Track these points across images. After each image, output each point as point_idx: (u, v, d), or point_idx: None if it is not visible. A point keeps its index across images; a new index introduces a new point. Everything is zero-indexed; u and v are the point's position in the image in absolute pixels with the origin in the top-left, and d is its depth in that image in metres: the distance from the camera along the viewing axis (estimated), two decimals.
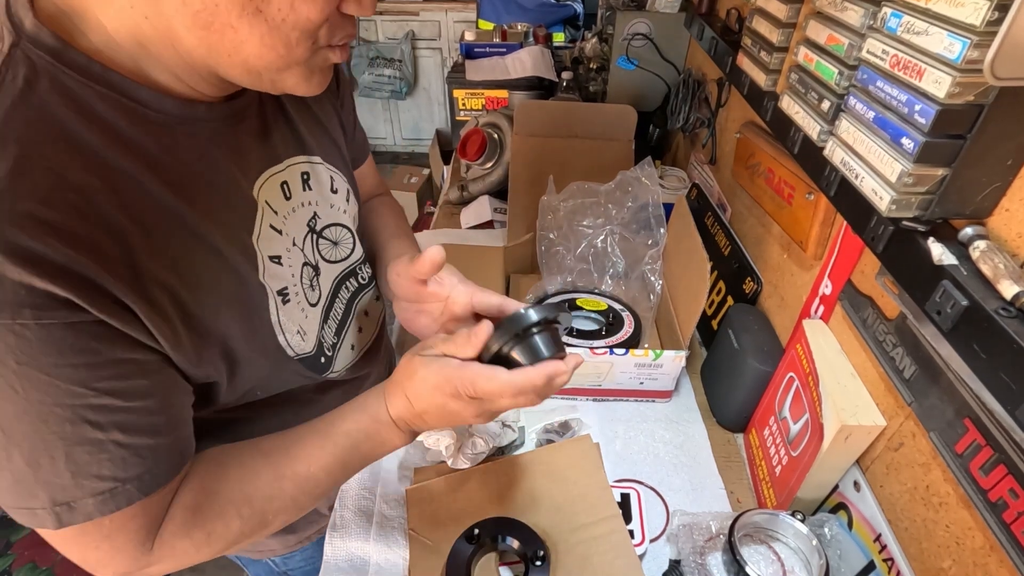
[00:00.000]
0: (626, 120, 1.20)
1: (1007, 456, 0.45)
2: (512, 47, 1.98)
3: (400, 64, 3.44)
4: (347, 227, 0.66)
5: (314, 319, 0.60)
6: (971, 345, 0.42)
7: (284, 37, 0.41)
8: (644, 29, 1.39)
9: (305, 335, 0.59)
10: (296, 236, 0.57)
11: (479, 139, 1.30)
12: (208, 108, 0.48)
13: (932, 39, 0.42)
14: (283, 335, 0.56)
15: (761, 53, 0.75)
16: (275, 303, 0.54)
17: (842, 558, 0.64)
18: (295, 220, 0.57)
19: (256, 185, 0.53)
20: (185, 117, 0.46)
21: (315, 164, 0.61)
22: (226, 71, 0.43)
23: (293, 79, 0.45)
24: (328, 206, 0.62)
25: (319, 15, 0.41)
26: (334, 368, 0.65)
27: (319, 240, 0.61)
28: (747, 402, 0.82)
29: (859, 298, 0.66)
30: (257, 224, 0.53)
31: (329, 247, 0.63)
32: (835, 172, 0.56)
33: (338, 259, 0.65)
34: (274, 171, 0.55)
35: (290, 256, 0.57)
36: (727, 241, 1.02)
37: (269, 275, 0.54)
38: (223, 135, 0.50)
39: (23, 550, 1.75)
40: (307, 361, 0.60)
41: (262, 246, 0.53)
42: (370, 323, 0.73)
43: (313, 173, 0.60)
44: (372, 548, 0.71)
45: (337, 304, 0.65)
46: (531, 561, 0.63)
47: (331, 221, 0.63)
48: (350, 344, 0.68)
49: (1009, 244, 0.46)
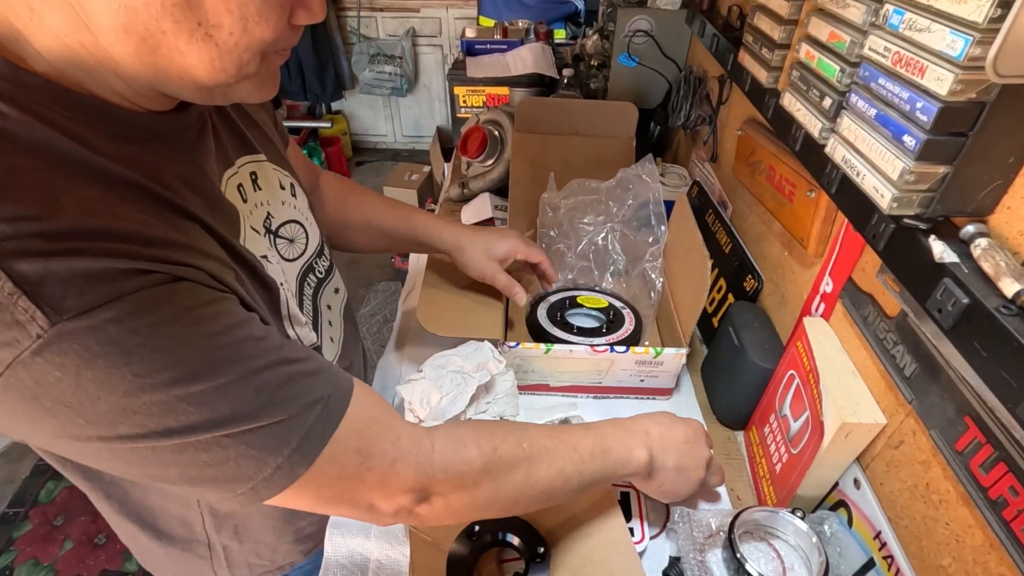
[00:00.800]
0: (627, 117, 1.20)
1: (1007, 454, 0.45)
2: (513, 44, 1.97)
3: (401, 61, 3.44)
4: (299, 222, 0.65)
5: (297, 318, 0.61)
6: (972, 343, 0.42)
7: (236, 59, 0.39)
8: (645, 26, 1.39)
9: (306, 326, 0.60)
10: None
11: (480, 136, 1.30)
12: (173, 119, 0.46)
13: (934, 36, 0.42)
14: (292, 328, 0.57)
15: (762, 50, 0.75)
16: (285, 296, 0.55)
17: (842, 555, 0.64)
18: (254, 222, 0.57)
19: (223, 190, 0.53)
20: (159, 131, 0.45)
21: (261, 163, 0.60)
22: (176, 91, 0.42)
23: (245, 90, 0.43)
24: (280, 203, 0.62)
25: (272, 33, 0.39)
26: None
27: (276, 240, 0.61)
28: (747, 400, 0.82)
29: (860, 296, 0.66)
30: (242, 227, 0.53)
31: (286, 245, 0.62)
32: (836, 169, 0.56)
33: (295, 256, 0.64)
34: (230, 173, 0.55)
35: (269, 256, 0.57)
36: (728, 239, 1.02)
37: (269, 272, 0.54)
38: (192, 144, 0.49)
39: (24, 547, 1.75)
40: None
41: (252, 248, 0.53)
42: (335, 316, 0.73)
43: (260, 172, 0.60)
44: (373, 545, 0.71)
45: (305, 303, 0.65)
46: (532, 558, 0.64)
47: (285, 219, 0.63)
48: (329, 337, 0.69)
49: (1011, 242, 0.46)
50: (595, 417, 0.85)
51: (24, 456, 1.99)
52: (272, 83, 0.45)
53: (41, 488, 1.91)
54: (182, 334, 0.37)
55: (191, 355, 0.37)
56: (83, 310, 0.33)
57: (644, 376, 0.86)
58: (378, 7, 3.36)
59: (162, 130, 0.45)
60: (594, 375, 0.87)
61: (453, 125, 1.82)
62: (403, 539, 0.71)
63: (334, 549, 0.71)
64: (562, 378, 0.88)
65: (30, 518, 1.83)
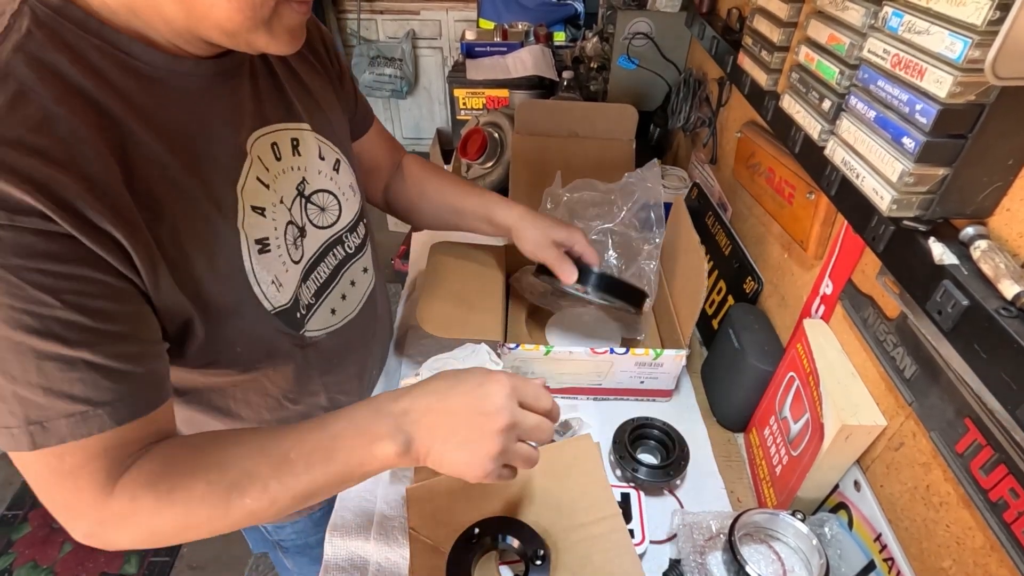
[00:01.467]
0: (627, 119, 1.20)
1: (1007, 456, 0.45)
2: (513, 46, 1.98)
3: (401, 63, 3.44)
4: (334, 194, 0.69)
5: (294, 275, 0.63)
6: (972, 345, 0.42)
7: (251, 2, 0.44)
8: (645, 28, 1.39)
9: (281, 287, 0.61)
10: (284, 195, 0.61)
11: (480, 138, 1.30)
12: (196, 64, 0.51)
13: (933, 38, 0.42)
14: (258, 285, 0.57)
15: (762, 52, 0.75)
16: (248, 250, 0.56)
17: (842, 558, 0.64)
18: (285, 181, 0.61)
19: (249, 140, 0.57)
20: (173, 71, 0.50)
21: (303, 132, 0.64)
22: (207, 33, 0.47)
23: (262, 41, 0.48)
24: (316, 172, 0.66)
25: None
26: (308, 326, 0.67)
27: (307, 204, 0.64)
28: (747, 401, 0.82)
29: (860, 298, 0.66)
30: (244, 174, 0.56)
31: (317, 212, 0.66)
32: (836, 172, 0.56)
33: (325, 225, 0.68)
34: (264, 131, 0.59)
35: (275, 211, 0.60)
36: (728, 240, 1.02)
37: (248, 223, 0.56)
38: (212, 90, 0.54)
39: (24, 549, 1.75)
40: (284, 316, 0.62)
41: (246, 196, 0.56)
42: (355, 293, 0.75)
43: (302, 140, 0.64)
44: (372, 548, 0.71)
45: (321, 268, 0.68)
46: (531, 560, 0.64)
47: (319, 187, 0.66)
48: (330, 308, 0.70)
49: (1010, 244, 0.46)
50: (595, 419, 0.85)
51: None
52: (290, 37, 0.49)
53: None
54: (10, 284, 0.40)
55: (6, 303, 0.40)
56: None
57: (644, 377, 0.86)
58: (378, 9, 3.37)
59: (174, 69, 0.50)
60: (594, 377, 0.86)
61: (453, 127, 1.83)
62: (403, 541, 0.71)
63: (334, 551, 0.71)
64: (562, 380, 0.88)
65: (29, 520, 1.83)
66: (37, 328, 0.41)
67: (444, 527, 0.69)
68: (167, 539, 0.49)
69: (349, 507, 0.75)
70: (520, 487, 0.73)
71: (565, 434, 0.82)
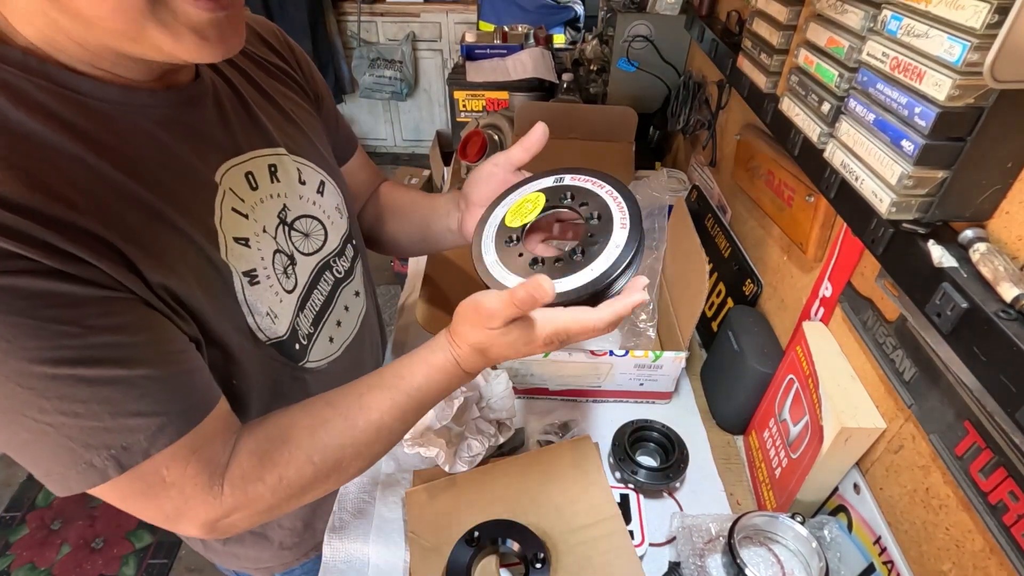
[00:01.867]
0: (626, 122, 1.20)
1: (1007, 459, 0.45)
2: (513, 49, 1.98)
3: (401, 65, 3.45)
4: (317, 218, 0.66)
5: (288, 305, 0.61)
6: (971, 347, 0.42)
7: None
8: (645, 31, 1.39)
9: (276, 318, 0.59)
10: (266, 224, 0.59)
11: (479, 140, 1.30)
12: (151, 95, 0.49)
13: (932, 42, 0.42)
14: (252, 316, 0.56)
15: (761, 55, 0.75)
16: (240, 282, 0.55)
17: (842, 560, 0.64)
18: (264, 210, 0.58)
19: (219, 172, 0.54)
20: (128, 103, 0.47)
21: (281, 157, 0.62)
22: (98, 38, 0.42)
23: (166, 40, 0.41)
24: (297, 198, 0.63)
25: None
26: (310, 357, 0.66)
27: (291, 231, 0.62)
28: (747, 404, 0.82)
29: (859, 300, 0.66)
30: (217, 206, 0.53)
31: (301, 238, 0.64)
32: (835, 174, 0.56)
33: (310, 251, 0.65)
34: (236, 161, 0.56)
35: (259, 240, 0.57)
36: (727, 243, 1.02)
37: (233, 255, 0.54)
38: (173, 121, 0.51)
39: (21, 551, 1.75)
40: (281, 347, 0.61)
41: (225, 227, 0.54)
42: (349, 318, 0.73)
43: (280, 165, 0.61)
44: (372, 550, 0.71)
45: (316, 295, 0.66)
46: (531, 563, 0.63)
47: (301, 213, 0.64)
48: (328, 336, 0.69)
49: (1009, 247, 0.46)
50: (595, 420, 0.85)
51: None
52: (196, 39, 0.42)
53: (39, 492, 1.90)
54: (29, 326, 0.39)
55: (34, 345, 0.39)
56: None
57: (643, 379, 0.86)
58: (378, 11, 3.38)
59: (129, 102, 0.47)
60: (593, 379, 0.86)
61: (453, 129, 1.83)
62: (402, 544, 0.71)
63: (333, 553, 0.71)
64: (561, 381, 0.88)
65: (27, 522, 1.82)
66: (78, 359, 0.41)
67: (443, 530, 0.69)
68: (284, 512, 0.54)
69: (348, 509, 0.75)
70: (519, 489, 0.73)
71: (564, 435, 0.82)
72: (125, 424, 0.43)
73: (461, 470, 0.74)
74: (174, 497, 0.47)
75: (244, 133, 0.58)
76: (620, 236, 0.51)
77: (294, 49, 0.70)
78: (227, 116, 0.56)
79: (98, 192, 0.43)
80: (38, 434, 0.41)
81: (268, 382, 0.61)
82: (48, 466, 0.43)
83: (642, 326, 0.97)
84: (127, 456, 0.43)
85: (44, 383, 0.40)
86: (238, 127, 0.57)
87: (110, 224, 0.43)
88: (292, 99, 0.66)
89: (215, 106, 0.55)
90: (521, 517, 0.68)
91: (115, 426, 0.43)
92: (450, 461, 0.73)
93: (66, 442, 0.42)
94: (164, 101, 0.50)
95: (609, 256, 0.50)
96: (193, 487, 0.47)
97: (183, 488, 0.47)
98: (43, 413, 0.40)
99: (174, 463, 0.46)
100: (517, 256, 0.55)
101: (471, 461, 0.74)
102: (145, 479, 0.45)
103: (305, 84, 0.70)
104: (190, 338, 0.50)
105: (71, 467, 0.42)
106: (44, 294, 0.39)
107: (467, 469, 0.74)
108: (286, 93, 0.66)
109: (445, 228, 0.77)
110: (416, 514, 0.71)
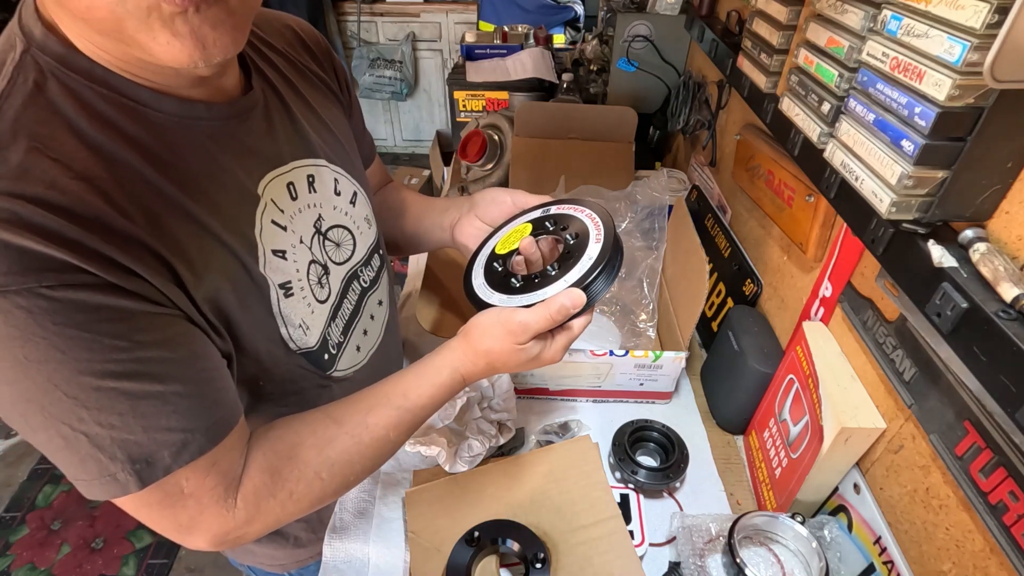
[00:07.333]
0: (626, 122, 1.20)
1: (1007, 459, 0.45)
2: (513, 49, 1.98)
3: (401, 65, 3.45)
4: (348, 228, 0.67)
5: (321, 315, 0.62)
6: (971, 347, 0.42)
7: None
8: (644, 31, 1.39)
9: (308, 330, 0.60)
10: (303, 235, 0.59)
11: (479, 140, 1.30)
12: (207, 108, 0.50)
13: (932, 42, 0.43)
14: (285, 328, 0.57)
15: (761, 55, 0.75)
16: (276, 295, 0.56)
17: (842, 560, 0.64)
18: (302, 220, 0.59)
19: (261, 183, 0.55)
20: (185, 116, 0.48)
21: (320, 167, 0.62)
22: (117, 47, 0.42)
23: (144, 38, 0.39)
24: (332, 208, 0.64)
25: None
26: (338, 367, 0.66)
27: (325, 241, 0.63)
28: (747, 404, 0.82)
29: (859, 300, 0.66)
30: (258, 219, 0.54)
31: (333, 248, 0.65)
32: (835, 174, 0.56)
33: (341, 260, 0.66)
34: (279, 172, 0.57)
35: (295, 252, 0.58)
36: (727, 243, 1.02)
37: (271, 268, 0.55)
38: (224, 134, 0.52)
39: (21, 551, 1.75)
40: (310, 356, 0.61)
41: (264, 240, 0.54)
42: (375, 326, 0.73)
43: (318, 176, 0.62)
44: (372, 550, 0.71)
45: (346, 304, 0.67)
46: (531, 563, 0.63)
47: (334, 223, 0.64)
48: (355, 345, 0.69)
49: (1009, 247, 0.46)
50: (595, 421, 0.85)
51: (22, 459, 1.99)
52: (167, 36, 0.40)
53: (39, 492, 1.90)
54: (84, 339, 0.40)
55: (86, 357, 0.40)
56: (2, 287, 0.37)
57: (643, 379, 0.86)
58: (378, 12, 3.38)
59: (185, 114, 0.48)
60: (593, 379, 0.86)
61: (453, 129, 1.83)
62: (402, 544, 0.71)
63: (333, 553, 0.71)
64: (562, 382, 0.88)
65: (27, 522, 1.82)
66: (124, 372, 0.42)
67: (444, 530, 0.69)
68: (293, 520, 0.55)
69: (348, 509, 0.75)
70: (519, 489, 0.73)
71: (564, 436, 0.82)
72: (154, 438, 0.44)
73: (461, 470, 0.74)
74: (191, 507, 0.48)
75: (288, 143, 0.59)
76: (594, 249, 0.56)
77: (332, 57, 0.71)
78: (274, 127, 0.57)
79: (153, 206, 0.45)
80: (72, 441, 0.42)
81: (295, 388, 0.62)
82: (76, 472, 0.44)
83: (642, 326, 0.97)
84: (148, 471, 0.44)
85: (87, 394, 0.41)
86: (283, 137, 0.58)
87: (162, 238, 0.44)
88: (330, 108, 0.67)
89: (264, 118, 0.56)
90: (521, 517, 0.68)
91: (145, 440, 0.44)
92: (451, 461, 0.73)
93: (95, 452, 0.43)
94: (217, 114, 0.51)
95: (582, 267, 0.55)
96: (210, 498, 0.48)
97: (200, 499, 0.48)
98: (80, 422, 0.41)
99: (194, 475, 0.47)
100: (502, 277, 0.60)
101: (472, 461, 0.74)
102: (164, 489, 0.46)
103: (339, 93, 0.70)
104: (223, 354, 0.51)
105: (97, 477, 0.43)
106: (101, 308, 0.40)
107: (467, 469, 0.74)
108: (324, 103, 0.66)
109: (436, 224, 0.80)
110: (416, 514, 0.71)
